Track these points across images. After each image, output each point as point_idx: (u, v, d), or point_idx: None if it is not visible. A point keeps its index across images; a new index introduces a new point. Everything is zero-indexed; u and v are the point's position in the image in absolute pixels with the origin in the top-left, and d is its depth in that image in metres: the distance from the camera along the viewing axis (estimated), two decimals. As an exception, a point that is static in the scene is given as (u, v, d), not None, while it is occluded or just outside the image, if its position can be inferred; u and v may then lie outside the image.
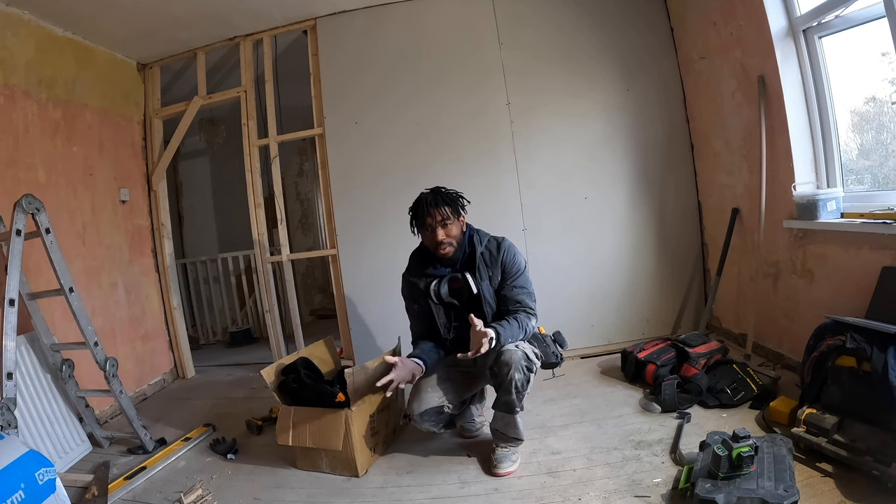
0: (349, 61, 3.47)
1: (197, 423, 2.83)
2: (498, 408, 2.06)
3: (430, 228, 2.09)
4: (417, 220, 2.14)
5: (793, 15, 2.42)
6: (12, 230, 2.19)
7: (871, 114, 2.37)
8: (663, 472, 1.85)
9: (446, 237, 2.08)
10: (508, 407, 2.02)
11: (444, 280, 2.15)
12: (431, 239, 2.10)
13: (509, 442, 2.07)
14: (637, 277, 3.40)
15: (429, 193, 2.14)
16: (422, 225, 2.12)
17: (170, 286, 3.86)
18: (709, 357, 2.56)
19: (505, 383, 1.97)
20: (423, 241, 2.19)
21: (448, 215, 2.08)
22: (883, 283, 1.99)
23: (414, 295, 2.23)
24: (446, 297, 2.15)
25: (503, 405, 2.04)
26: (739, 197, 2.96)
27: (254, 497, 2.05)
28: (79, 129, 3.21)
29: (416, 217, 2.14)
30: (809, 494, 1.58)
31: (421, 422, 2.14)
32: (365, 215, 3.48)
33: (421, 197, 2.15)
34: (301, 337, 3.69)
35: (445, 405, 2.14)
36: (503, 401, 2.03)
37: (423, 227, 2.12)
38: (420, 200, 2.14)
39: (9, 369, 2.09)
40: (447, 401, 2.14)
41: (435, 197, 2.11)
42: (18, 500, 1.58)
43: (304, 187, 6.67)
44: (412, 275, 2.24)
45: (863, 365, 1.69)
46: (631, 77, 3.37)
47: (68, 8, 2.88)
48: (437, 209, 2.08)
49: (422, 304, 2.20)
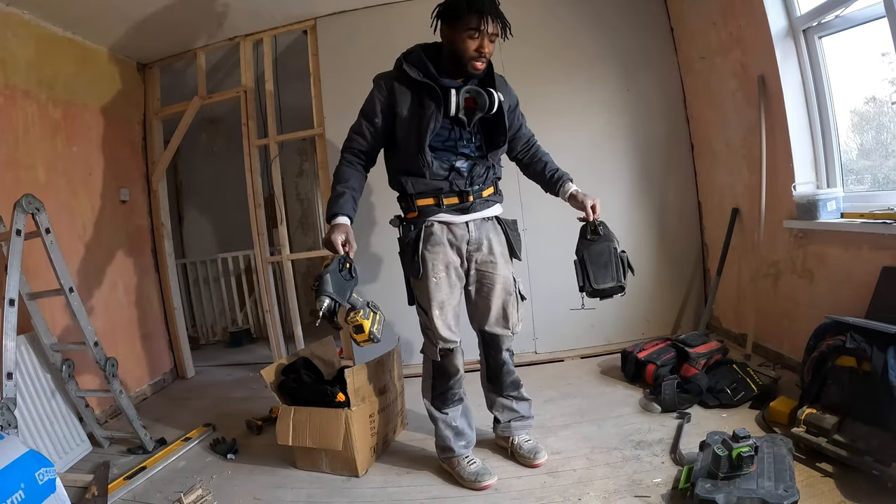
0: (349, 61, 3.46)
1: (197, 423, 2.83)
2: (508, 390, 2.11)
3: (477, 34, 1.74)
4: (458, 17, 1.74)
5: (793, 15, 2.42)
6: (12, 230, 2.19)
7: (871, 114, 2.37)
8: (663, 472, 1.85)
9: (489, 53, 1.79)
10: (517, 384, 2.13)
11: (460, 91, 1.82)
12: (475, 47, 1.76)
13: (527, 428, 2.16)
14: (637, 277, 3.33)
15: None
16: (465, 26, 1.73)
17: (170, 286, 3.85)
18: (709, 357, 2.56)
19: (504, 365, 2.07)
20: (452, 46, 1.80)
21: (499, 32, 1.78)
22: (883, 283, 1.98)
23: (393, 102, 1.86)
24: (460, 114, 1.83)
25: (512, 385, 2.11)
26: (739, 197, 2.96)
27: (254, 497, 2.05)
28: (79, 129, 3.20)
29: (456, 11, 1.75)
30: (809, 494, 1.58)
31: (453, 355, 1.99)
32: (365, 216, 3.47)
33: None
34: (301, 337, 3.68)
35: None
36: (510, 381, 2.10)
37: (465, 28, 1.74)
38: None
39: (9, 369, 2.09)
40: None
41: (495, 6, 1.76)
42: (18, 500, 1.58)
43: (305, 187, 6.65)
44: (403, 78, 1.85)
45: (863, 365, 1.70)
46: (631, 77, 3.37)
47: (69, 8, 2.87)
48: (495, 18, 1.74)
49: (406, 114, 1.85)
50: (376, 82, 1.92)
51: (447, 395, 2.05)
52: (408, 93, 1.86)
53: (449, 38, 1.80)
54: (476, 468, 1.97)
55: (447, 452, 2.04)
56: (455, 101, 1.79)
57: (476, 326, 2.10)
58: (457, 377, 2.03)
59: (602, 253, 1.94)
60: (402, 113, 1.86)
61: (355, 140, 1.95)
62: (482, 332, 2.07)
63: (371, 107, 1.91)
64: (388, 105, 1.88)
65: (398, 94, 1.86)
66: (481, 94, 1.83)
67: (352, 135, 1.97)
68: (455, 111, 1.80)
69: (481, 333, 2.08)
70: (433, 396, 2.08)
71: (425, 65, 1.82)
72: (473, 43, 1.75)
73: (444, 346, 1.95)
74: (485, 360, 2.15)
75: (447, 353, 1.97)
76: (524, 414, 2.16)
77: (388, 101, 1.88)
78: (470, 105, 1.85)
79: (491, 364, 2.11)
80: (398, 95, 1.86)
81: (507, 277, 2.01)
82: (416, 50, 1.87)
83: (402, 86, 1.86)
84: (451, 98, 1.79)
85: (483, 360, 2.15)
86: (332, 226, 1.83)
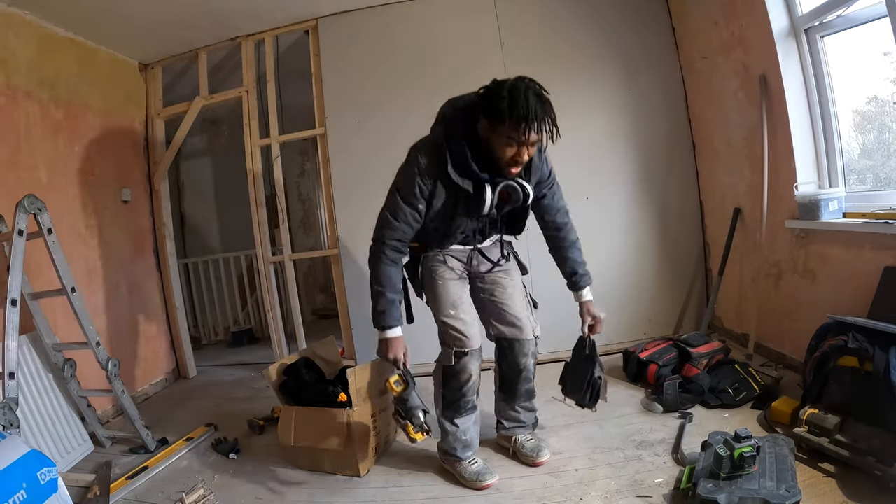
0: (351, 61, 3.47)
1: (199, 422, 2.83)
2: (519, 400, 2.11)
3: (518, 143, 1.61)
4: (499, 120, 1.57)
5: (794, 14, 2.41)
6: (14, 230, 2.19)
7: (872, 113, 2.36)
8: (665, 472, 1.85)
9: (526, 160, 1.69)
10: (531, 394, 2.13)
11: (497, 188, 1.73)
12: (511, 155, 1.64)
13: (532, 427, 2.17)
14: (639, 277, 3.39)
15: (535, 96, 1.56)
16: (506, 133, 1.59)
17: (172, 286, 3.86)
18: (710, 357, 2.55)
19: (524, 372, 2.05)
20: (488, 144, 1.66)
21: (545, 140, 1.62)
22: (885, 283, 1.98)
23: (432, 196, 1.76)
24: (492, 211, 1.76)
25: (526, 395, 2.11)
26: (741, 196, 2.95)
27: (255, 497, 2.05)
28: (80, 130, 3.21)
29: (498, 114, 1.57)
30: (811, 495, 1.58)
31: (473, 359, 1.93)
32: (367, 215, 3.42)
33: (525, 94, 1.54)
34: (303, 337, 3.69)
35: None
36: (525, 390, 2.10)
37: (505, 135, 1.59)
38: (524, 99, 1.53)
39: (11, 369, 2.09)
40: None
41: (544, 109, 1.58)
42: (20, 500, 1.58)
43: (306, 187, 6.67)
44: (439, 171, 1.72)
45: (865, 365, 1.69)
46: (632, 77, 3.36)
47: (70, 8, 2.88)
48: (542, 127, 1.58)
49: (438, 207, 1.78)
50: (418, 165, 1.75)
51: (460, 403, 1.98)
52: (446, 187, 1.76)
53: (486, 135, 1.66)
54: (477, 468, 1.97)
55: (450, 456, 2.03)
56: (490, 199, 1.72)
57: (493, 334, 2.08)
58: (469, 383, 1.96)
59: (584, 373, 1.98)
60: (436, 205, 1.79)
61: (398, 230, 1.81)
62: (500, 340, 2.06)
63: (412, 191, 1.77)
64: (429, 195, 1.78)
65: (438, 187, 1.76)
66: (516, 190, 1.76)
67: (392, 222, 1.80)
68: (488, 209, 1.74)
69: (499, 341, 2.07)
70: (444, 406, 2.02)
71: (468, 163, 1.69)
72: (511, 150, 1.63)
73: (459, 349, 1.89)
74: (498, 369, 2.15)
75: (461, 357, 1.91)
76: (527, 423, 2.16)
77: (429, 192, 1.77)
78: (503, 197, 1.79)
79: (505, 372, 2.09)
80: (437, 189, 1.77)
81: (518, 284, 2.05)
82: (460, 138, 1.70)
83: (442, 181, 1.75)
84: (487, 197, 1.71)
85: (497, 368, 2.16)
86: (390, 340, 1.82)
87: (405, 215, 1.78)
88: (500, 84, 1.60)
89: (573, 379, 2.03)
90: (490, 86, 1.64)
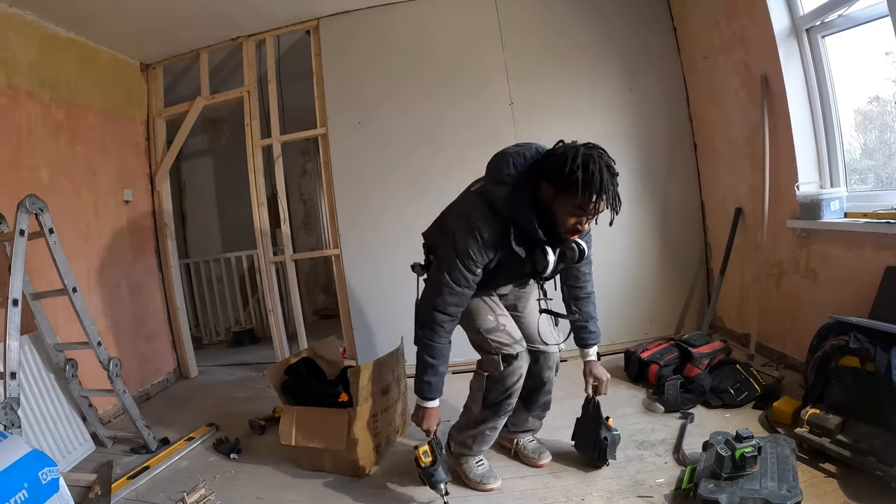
0: (352, 61, 3.47)
1: (200, 422, 2.83)
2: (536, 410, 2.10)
3: (584, 212, 1.55)
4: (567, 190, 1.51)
5: (796, 14, 2.41)
6: (16, 230, 2.20)
7: (874, 113, 2.36)
8: (666, 472, 1.85)
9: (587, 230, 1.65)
10: (547, 405, 2.11)
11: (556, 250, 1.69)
12: (573, 224, 1.58)
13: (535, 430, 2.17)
14: (640, 277, 3.39)
15: (607, 170, 1.51)
16: (573, 203, 1.53)
17: (173, 286, 3.86)
18: (712, 357, 2.55)
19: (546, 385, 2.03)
20: (550, 208, 1.59)
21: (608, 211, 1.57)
22: (886, 283, 1.98)
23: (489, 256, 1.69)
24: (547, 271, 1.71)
25: (543, 406, 2.10)
26: (742, 196, 2.95)
27: (256, 497, 2.05)
28: (82, 130, 3.21)
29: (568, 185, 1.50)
30: (813, 495, 1.58)
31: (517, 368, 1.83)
32: (368, 215, 3.48)
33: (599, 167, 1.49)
34: (304, 337, 3.69)
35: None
36: (543, 402, 2.09)
37: (572, 205, 1.53)
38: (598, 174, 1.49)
39: (12, 369, 2.09)
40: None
41: (614, 183, 1.54)
42: (22, 500, 1.59)
43: (307, 187, 6.67)
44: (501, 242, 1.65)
45: (866, 365, 1.69)
46: (633, 77, 3.36)
47: (71, 8, 2.88)
48: (609, 201, 1.53)
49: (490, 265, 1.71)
50: (480, 238, 1.65)
51: (502, 406, 1.87)
52: (505, 253, 1.68)
53: (549, 199, 1.58)
54: (483, 470, 1.97)
55: (463, 448, 1.99)
56: (553, 263, 1.67)
57: None
58: (518, 385, 1.86)
59: (591, 434, 1.97)
60: (490, 265, 1.72)
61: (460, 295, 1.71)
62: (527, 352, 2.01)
63: (471, 258, 1.66)
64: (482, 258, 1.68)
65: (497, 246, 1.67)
66: (573, 250, 1.67)
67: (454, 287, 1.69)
68: (550, 273, 1.70)
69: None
70: (485, 406, 1.88)
71: (533, 227, 1.61)
72: (575, 220, 1.58)
73: (508, 352, 1.81)
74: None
75: (511, 360, 1.81)
76: (535, 430, 2.17)
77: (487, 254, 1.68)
78: (559, 257, 1.72)
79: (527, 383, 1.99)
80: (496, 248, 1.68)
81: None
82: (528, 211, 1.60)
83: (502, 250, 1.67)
84: (550, 260, 1.66)
85: None
86: (429, 410, 1.79)
87: (467, 281, 1.69)
88: (570, 151, 1.52)
89: (581, 438, 2.02)
90: (558, 151, 1.57)
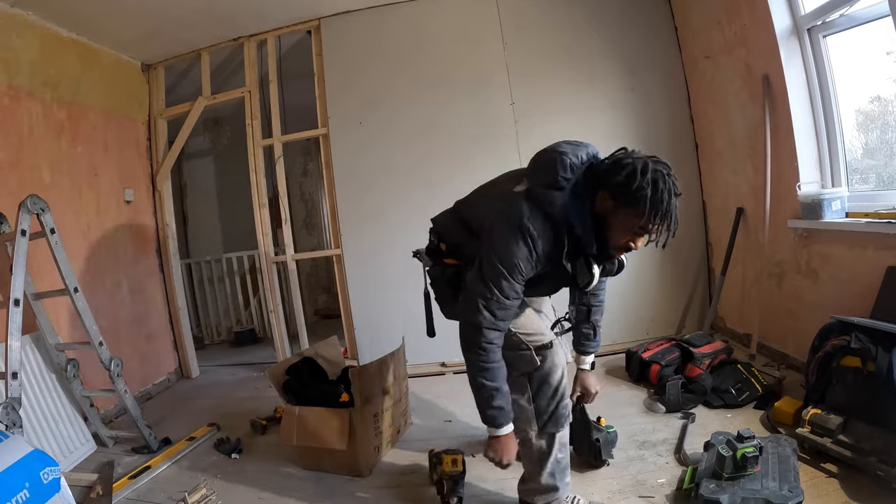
0: (353, 61, 3.47)
1: (201, 422, 2.83)
2: None
3: (644, 231, 1.45)
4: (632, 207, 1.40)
5: (797, 14, 2.41)
6: (17, 230, 2.20)
7: (876, 113, 2.35)
8: (667, 472, 1.85)
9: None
10: None
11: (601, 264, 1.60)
12: (627, 242, 1.49)
13: None
14: (641, 277, 3.38)
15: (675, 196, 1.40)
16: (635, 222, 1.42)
17: (174, 286, 3.86)
18: (713, 357, 2.55)
19: None
20: (607, 222, 1.48)
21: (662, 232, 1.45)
22: (888, 282, 1.98)
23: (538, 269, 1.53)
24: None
25: None
26: (744, 196, 2.94)
27: (258, 497, 2.06)
28: (83, 130, 3.22)
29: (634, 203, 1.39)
30: (814, 495, 1.57)
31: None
32: (369, 215, 3.48)
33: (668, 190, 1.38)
34: (305, 337, 3.70)
35: None
36: None
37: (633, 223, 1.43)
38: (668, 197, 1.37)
39: (14, 369, 2.10)
40: None
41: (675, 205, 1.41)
42: (23, 499, 1.59)
43: (309, 187, 6.67)
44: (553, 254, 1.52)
45: (867, 365, 1.69)
46: (635, 76, 3.36)
47: (73, 9, 2.89)
48: (668, 225, 1.42)
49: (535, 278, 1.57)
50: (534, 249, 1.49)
51: (558, 410, 1.67)
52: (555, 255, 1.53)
53: (606, 212, 1.47)
54: None
55: (550, 494, 1.71)
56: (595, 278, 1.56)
57: None
58: (563, 380, 1.69)
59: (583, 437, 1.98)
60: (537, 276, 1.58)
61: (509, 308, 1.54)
62: None
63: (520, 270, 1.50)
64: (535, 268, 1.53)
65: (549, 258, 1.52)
66: (613, 263, 1.62)
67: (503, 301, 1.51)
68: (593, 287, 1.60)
69: None
70: (542, 423, 1.67)
71: (591, 241, 1.49)
72: (629, 238, 1.48)
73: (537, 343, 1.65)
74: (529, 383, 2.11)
75: (544, 349, 1.65)
76: None
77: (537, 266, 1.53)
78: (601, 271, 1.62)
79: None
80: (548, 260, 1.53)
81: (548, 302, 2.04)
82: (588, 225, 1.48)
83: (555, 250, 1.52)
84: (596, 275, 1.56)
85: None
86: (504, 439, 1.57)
87: (516, 293, 1.53)
88: (638, 164, 1.40)
89: (576, 442, 1.99)
90: (625, 161, 1.42)
